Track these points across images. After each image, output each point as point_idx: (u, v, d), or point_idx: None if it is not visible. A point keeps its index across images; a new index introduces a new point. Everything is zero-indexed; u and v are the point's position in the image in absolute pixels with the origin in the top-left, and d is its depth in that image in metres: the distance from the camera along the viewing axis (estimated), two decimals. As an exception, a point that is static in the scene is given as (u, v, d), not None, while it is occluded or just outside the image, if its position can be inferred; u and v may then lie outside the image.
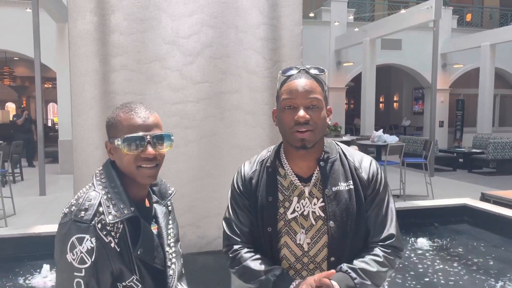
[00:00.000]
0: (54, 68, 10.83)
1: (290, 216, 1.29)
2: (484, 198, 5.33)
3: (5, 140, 10.71)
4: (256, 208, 1.33)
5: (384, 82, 18.63)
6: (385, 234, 1.30)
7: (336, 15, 14.39)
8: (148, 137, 1.16)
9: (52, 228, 3.82)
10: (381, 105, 20.60)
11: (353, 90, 17.33)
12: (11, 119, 20.09)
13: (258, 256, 1.32)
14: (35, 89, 7.58)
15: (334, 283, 1.17)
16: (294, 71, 1.30)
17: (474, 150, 11.16)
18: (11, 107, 23.11)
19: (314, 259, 1.29)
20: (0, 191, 5.77)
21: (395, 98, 20.15)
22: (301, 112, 1.22)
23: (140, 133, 1.16)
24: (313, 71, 1.30)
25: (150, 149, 1.16)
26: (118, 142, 1.16)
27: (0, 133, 13.65)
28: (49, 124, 22.47)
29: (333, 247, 1.27)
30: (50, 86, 17.85)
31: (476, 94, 14.14)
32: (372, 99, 13.12)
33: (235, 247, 1.35)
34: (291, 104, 1.24)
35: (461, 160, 11.09)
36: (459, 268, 3.74)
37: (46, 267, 3.48)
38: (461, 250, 4.23)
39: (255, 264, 1.30)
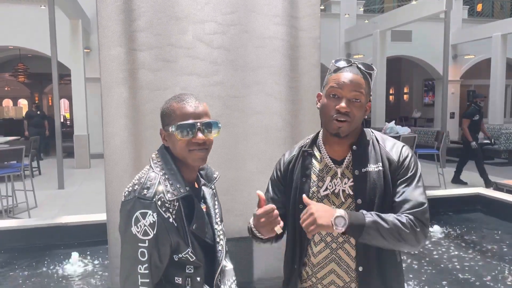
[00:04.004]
0: (68, 64, 10.94)
1: (323, 193, 1.43)
2: (497, 187, 5.39)
3: (17, 135, 10.96)
4: (292, 189, 1.49)
5: (394, 74, 18.59)
6: (412, 203, 1.34)
7: (345, 7, 14.40)
8: (199, 124, 1.30)
9: (78, 219, 3.98)
10: (391, 97, 20.57)
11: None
12: (23, 115, 20.44)
13: None
14: (52, 86, 7.68)
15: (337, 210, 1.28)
16: (345, 63, 1.40)
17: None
18: (23, 103, 23.46)
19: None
20: (23, 184, 5.97)
21: (405, 90, 20.11)
22: (343, 104, 1.35)
23: (191, 121, 1.29)
24: (362, 67, 1.41)
25: (200, 135, 1.29)
26: (172, 129, 1.30)
27: (13, 129, 13.94)
28: (61, 120, 22.71)
29: None
30: (62, 82, 18.05)
31: (487, 85, 14.09)
32: (382, 91, 13.15)
33: None
34: (336, 94, 1.37)
35: (472, 151, 11.04)
36: (474, 254, 3.82)
37: (75, 255, 3.63)
38: (475, 237, 4.31)
39: None
